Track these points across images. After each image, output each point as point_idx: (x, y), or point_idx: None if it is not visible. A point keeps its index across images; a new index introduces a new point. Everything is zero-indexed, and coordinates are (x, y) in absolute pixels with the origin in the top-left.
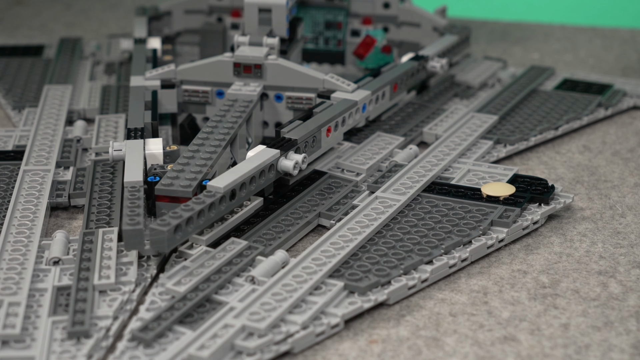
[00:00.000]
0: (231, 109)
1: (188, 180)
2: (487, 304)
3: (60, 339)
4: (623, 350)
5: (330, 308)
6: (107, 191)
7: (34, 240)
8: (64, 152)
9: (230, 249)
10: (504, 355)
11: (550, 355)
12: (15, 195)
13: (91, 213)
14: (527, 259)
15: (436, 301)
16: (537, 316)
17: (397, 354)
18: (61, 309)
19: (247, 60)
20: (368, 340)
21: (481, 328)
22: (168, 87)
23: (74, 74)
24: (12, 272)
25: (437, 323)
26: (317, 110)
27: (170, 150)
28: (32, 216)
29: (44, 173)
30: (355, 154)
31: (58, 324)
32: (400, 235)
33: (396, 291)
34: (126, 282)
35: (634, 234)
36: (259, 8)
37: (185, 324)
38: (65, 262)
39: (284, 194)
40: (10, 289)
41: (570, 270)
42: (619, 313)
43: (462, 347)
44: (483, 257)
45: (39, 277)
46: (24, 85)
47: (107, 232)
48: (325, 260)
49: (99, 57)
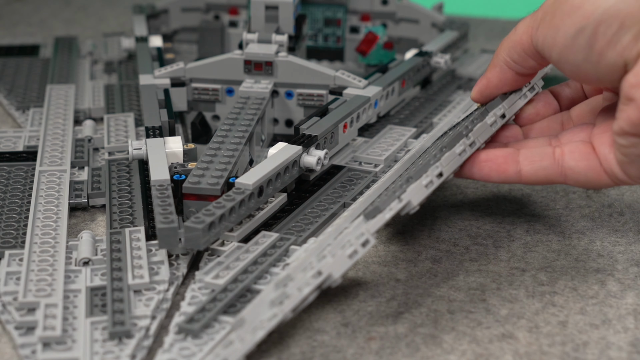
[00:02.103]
0: (245, 106)
1: (215, 178)
2: (485, 301)
3: (102, 340)
4: (621, 348)
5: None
6: (126, 190)
7: (61, 241)
8: (77, 152)
9: (263, 242)
10: (502, 352)
11: (548, 353)
12: (35, 196)
13: (113, 213)
14: (526, 257)
15: (434, 298)
16: (535, 314)
17: (395, 351)
18: (97, 310)
19: (257, 57)
20: (366, 337)
21: (479, 325)
22: (178, 85)
23: (74, 74)
24: (44, 273)
25: (435, 320)
26: (332, 106)
27: (188, 148)
28: (55, 217)
29: (60, 173)
30: (371, 147)
31: (97, 325)
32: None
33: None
34: (160, 281)
35: (632, 232)
36: (266, 5)
37: (229, 314)
38: (95, 262)
39: (306, 189)
40: (44, 291)
41: (569, 268)
42: (616, 311)
43: (460, 344)
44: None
45: (71, 278)
46: (24, 85)
47: (134, 231)
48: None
49: (97, 56)
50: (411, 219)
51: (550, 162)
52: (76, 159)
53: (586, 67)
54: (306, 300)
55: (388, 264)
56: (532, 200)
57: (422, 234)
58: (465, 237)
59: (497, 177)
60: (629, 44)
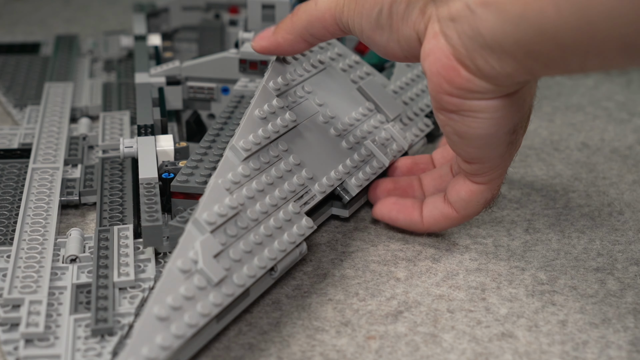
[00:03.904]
0: (239, 105)
1: (204, 177)
2: (485, 300)
3: (84, 337)
4: (620, 347)
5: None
6: (117, 188)
7: (49, 238)
8: (71, 150)
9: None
10: (502, 351)
11: (547, 352)
12: (26, 193)
13: (103, 210)
14: (525, 256)
15: (434, 297)
16: (535, 313)
17: (394, 350)
18: (82, 307)
19: (253, 56)
20: (366, 336)
21: (479, 324)
22: (173, 84)
23: (73, 72)
24: (31, 270)
25: (435, 319)
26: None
27: (180, 147)
28: (45, 214)
29: (53, 171)
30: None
31: (80, 322)
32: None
33: None
34: (145, 279)
35: (631, 231)
36: (263, 4)
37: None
38: (82, 259)
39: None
40: (30, 287)
41: (568, 267)
42: (616, 310)
43: (460, 343)
44: (482, 254)
45: (57, 275)
46: (23, 83)
47: (122, 229)
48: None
49: (97, 55)
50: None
51: (442, 202)
52: (70, 157)
53: (392, 45)
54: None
55: (388, 262)
56: (532, 200)
57: (422, 233)
58: (464, 236)
59: (403, 221)
60: (417, 18)
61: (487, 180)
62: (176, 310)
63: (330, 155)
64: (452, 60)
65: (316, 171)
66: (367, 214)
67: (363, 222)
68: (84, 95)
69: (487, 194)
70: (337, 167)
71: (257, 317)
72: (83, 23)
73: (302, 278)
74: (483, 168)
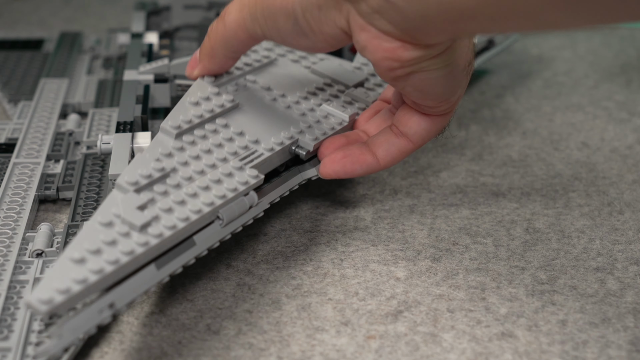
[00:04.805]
0: None
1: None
2: (485, 300)
3: (38, 331)
4: (620, 347)
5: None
6: (95, 184)
7: (19, 232)
8: (55, 145)
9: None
10: (502, 351)
11: (547, 352)
12: (4, 187)
13: (78, 206)
14: (525, 256)
15: (434, 297)
16: (535, 312)
17: (394, 350)
18: None
19: None
20: (366, 336)
21: (479, 324)
22: (161, 82)
23: (71, 68)
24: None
25: (435, 319)
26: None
27: None
28: (19, 208)
29: (34, 166)
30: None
31: (37, 316)
32: None
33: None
34: None
35: (631, 231)
36: None
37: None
38: (49, 254)
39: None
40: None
41: (568, 266)
42: (616, 310)
43: (460, 343)
44: (481, 254)
45: (22, 269)
46: (21, 78)
47: None
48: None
49: (98, 52)
50: (411, 218)
51: (395, 138)
52: (53, 152)
53: (320, 45)
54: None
55: (388, 262)
56: (532, 199)
57: (422, 233)
58: (464, 236)
59: (360, 169)
60: (336, 16)
61: (447, 110)
62: (94, 253)
63: (279, 121)
64: (394, 41)
65: (261, 135)
66: (367, 213)
67: (363, 222)
68: (78, 92)
69: (445, 121)
70: (288, 128)
71: (257, 317)
72: (83, 22)
73: (302, 278)
74: (448, 103)
